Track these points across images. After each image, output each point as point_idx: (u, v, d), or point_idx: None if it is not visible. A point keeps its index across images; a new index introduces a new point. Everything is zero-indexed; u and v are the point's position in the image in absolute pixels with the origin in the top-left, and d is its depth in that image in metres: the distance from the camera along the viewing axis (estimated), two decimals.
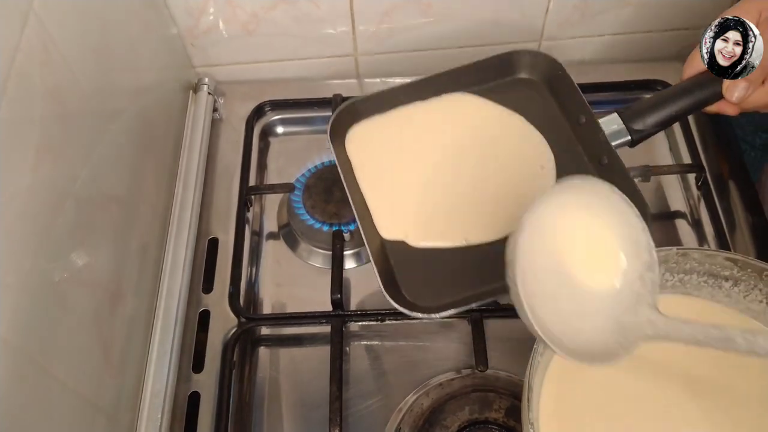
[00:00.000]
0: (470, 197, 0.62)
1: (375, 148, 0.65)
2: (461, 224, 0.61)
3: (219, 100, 0.81)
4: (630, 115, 0.58)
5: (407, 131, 0.66)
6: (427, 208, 0.62)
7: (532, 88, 0.66)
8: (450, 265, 0.61)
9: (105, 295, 0.57)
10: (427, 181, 0.63)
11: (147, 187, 0.67)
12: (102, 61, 0.60)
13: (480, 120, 0.66)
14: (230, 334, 0.66)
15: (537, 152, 0.63)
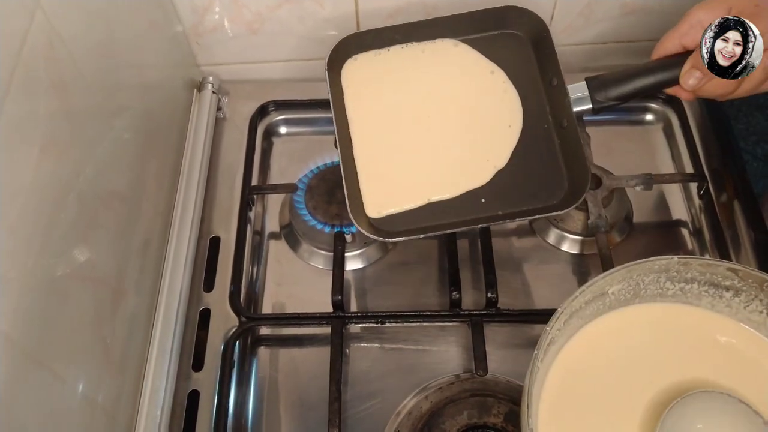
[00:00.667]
0: (437, 153, 0.65)
1: (365, 83, 0.68)
2: (424, 183, 0.63)
3: (223, 98, 0.81)
4: (596, 85, 0.60)
5: (396, 71, 0.68)
6: (394, 171, 0.64)
7: (518, 44, 0.68)
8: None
9: (106, 292, 0.57)
10: (401, 135, 0.65)
11: (149, 185, 0.67)
12: (107, 57, 0.60)
13: (465, 71, 0.68)
14: (230, 333, 0.66)
15: (509, 111, 0.65)
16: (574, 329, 0.54)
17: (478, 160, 0.64)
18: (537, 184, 0.62)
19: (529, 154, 0.63)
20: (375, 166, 0.64)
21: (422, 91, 0.67)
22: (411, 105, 0.67)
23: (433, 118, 0.66)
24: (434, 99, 0.67)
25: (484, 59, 0.69)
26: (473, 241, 0.72)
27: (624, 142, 0.79)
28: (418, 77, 0.68)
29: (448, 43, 0.69)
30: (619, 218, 0.71)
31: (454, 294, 0.64)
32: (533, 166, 0.63)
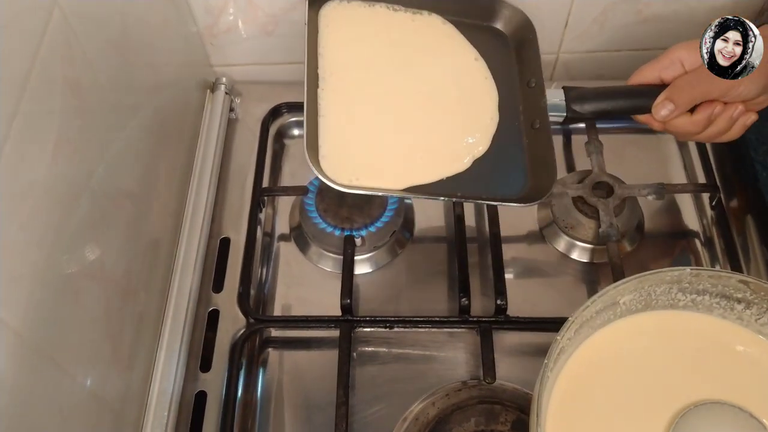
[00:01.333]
0: (410, 137, 0.62)
1: (345, 31, 0.65)
2: (396, 168, 0.60)
3: (236, 100, 0.82)
4: (573, 95, 0.61)
5: (379, 29, 0.65)
6: (367, 147, 0.61)
7: (501, 40, 0.67)
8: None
9: (116, 291, 0.57)
10: (373, 99, 0.62)
11: (160, 185, 0.67)
12: (121, 56, 0.60)
13: (449, 51, 0.66)
14: (239, 334, 0.66)
15: (489, 101, 0.63)
16: (583, 338, 0.54)
17: (456, 146, 0.61)
18: (500, 178, 0.61)
19: (498, 149, 0.61)
20: (340, 127, 0.60)
21: (402, 58, 0.64)
22: (389, 69, 0.63)
23: (410, 90, 0.63)
24: (413, 69, 0.64)
25: (469, 45, 0.67)
26: (483, 247, 0.72)
27: (636, 151, 0.78)
28: (400, 42, 0.65)
29: (436, 18, 0.67)
30: (630, 227, 0.71)
31: (463, 300, 0.64)
32: (499, 160, 0.61)
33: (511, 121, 0.64)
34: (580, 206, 0.71)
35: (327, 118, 0.60)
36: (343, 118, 0.60)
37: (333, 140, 0.59)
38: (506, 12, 0.67)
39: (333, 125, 0.60)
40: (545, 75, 0.86)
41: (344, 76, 0.62)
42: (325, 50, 0.63)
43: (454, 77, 0.65)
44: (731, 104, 0.57)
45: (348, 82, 0.62)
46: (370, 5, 0.66)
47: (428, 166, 0.60)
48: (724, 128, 0.58)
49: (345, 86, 0.62)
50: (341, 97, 0.61)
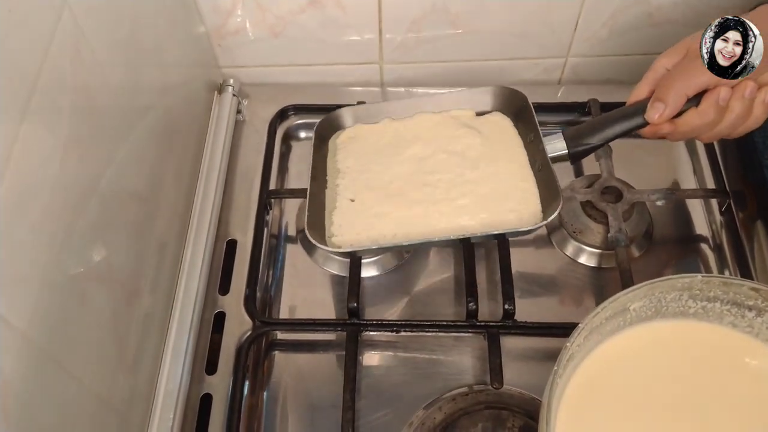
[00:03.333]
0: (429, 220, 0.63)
1: (358, 148, 0.68)
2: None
3: (243, 101, 0.81)
4: (571, 135, 0.62)
5: (388, 143, 0.68)
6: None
7: (500, 118, 0.70)
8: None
9: (123, 293, 0.57)
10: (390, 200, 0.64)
11: (168, 186, 0.67)
12: (130, 57, 0.60)
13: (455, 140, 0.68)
14: (245, 337, 0.65)
15: (516, 170, 0.65)
16: (593, 345, 0.54)
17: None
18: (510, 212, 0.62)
19: (507, 189, 0.63)
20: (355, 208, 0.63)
21: (419, 147, 0.67)
22: (405, 156, 0.66)
23: (431, 167, 0.65)
24: (431, 151, 0.67)
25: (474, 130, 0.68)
26: (490, 251, 0.71)
27: (645, 156, 0.78)
28: (414, 138, 0.68)
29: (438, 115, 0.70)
30: (639, 232, 0.70)
31: (470, 305, 0.64)
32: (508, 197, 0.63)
33: (519, 170, 0.65)
34: (589, 211, 0.70)
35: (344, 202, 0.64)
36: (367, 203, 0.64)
37: (346, 218, 0.62)
38: (502, 93, 0.70)
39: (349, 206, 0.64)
40: (554, 78, 0.86)
41: (359, 169, 0.66)
42: (335, 162, 0.68)
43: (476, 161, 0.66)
44: (741, 83, 0.55)
45: (364, 172, 0.66)
46: (372, 124, 0.70)
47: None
48: (742, 111, 0.56)
49: (361, 174, 0.66)
50: (359, 182, 0.65)
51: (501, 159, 0.65)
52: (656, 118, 0.57)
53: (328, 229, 0.62)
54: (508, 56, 0.83)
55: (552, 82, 0.86)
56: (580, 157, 0.63)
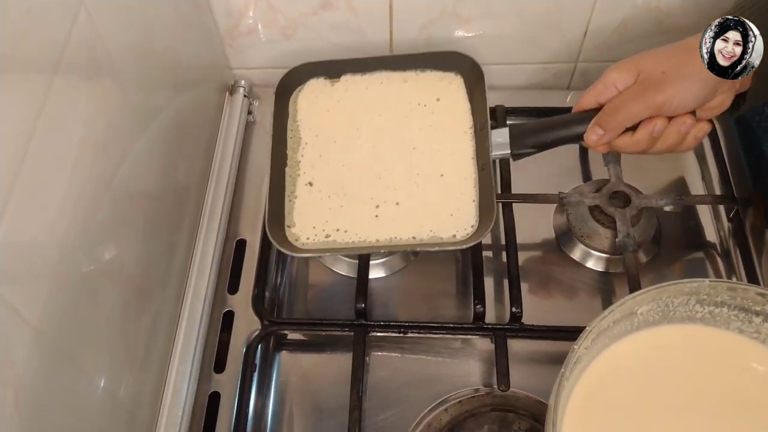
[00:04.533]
0: (377, 198, 0.66)
1: (314, 112, 0.71)
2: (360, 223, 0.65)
3: (254, 102, 0.82)
4: (515, 132, 0.63)
5: (346, 106, 0.71)
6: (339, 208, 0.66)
7: (457, 86, 0.71)
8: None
9: (133, 291, 0.58)
10: (349, 167, 0.68)
11: (179, 186, 0.68)
12: (143, 59, 0.61)
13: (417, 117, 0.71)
14: (253, 336, 0.66)
15: (460, 164, 0.67)
16: (600, 348, 0.54)
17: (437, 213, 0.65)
18: (452, 221, 0.64)
19: (449, 191, 0.66)
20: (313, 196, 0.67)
21: (374, 123, 0.70)
22: (361, 137, 0.69)
23: (385, 153, 0.68)
24: (387, 133, 0.69)
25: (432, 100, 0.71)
26: (498, 253, 0.72)
27: (654, 161, 0.77)
28: (369, 108, 0.71)
29: (397, 75, 0.72)
30: (646, 237, 0.71)
31: (478, 307, 0.64)
32: (450, 201, 0.65)
33: (463, 166, 0.67)
34: (597, 215, 0.70)
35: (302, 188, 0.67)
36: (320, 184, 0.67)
37: (304, 207, 0.66)
38: (458, 59, 0.71)
39: (307, 193, 0.67)
40: (563, 84, 0.86)
41: (318, 146, 0.69)
42: (297, 130, 0.71)
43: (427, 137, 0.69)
44: (678, 118, 0.56)
45: (323, 152, 0.69)
46: (333, 81, 0.73)
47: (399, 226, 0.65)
48: (673, 143, 0.58)
49: (320, 155, 0.69)
50: (317, 164, 0.68)
51: (449, 153, 0.67)
52: (593, 141, 0.59)
53: (287, 215, 0.65)
54: (518, 60, 0.83)
55: (561, 87, 0.86)
56: (522, 157, 0.64)
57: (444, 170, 0.66)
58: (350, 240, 0.64)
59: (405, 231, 0.64)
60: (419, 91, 0.71)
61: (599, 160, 0.74)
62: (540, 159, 0.78)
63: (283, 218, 0.65)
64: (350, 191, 0.66)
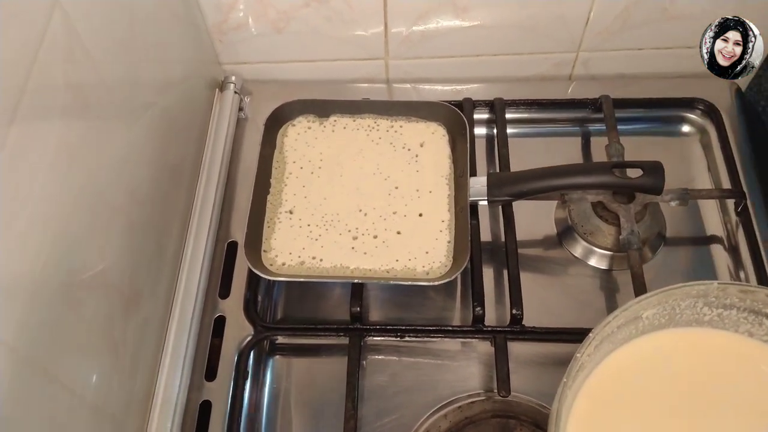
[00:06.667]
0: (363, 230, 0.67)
1: (304, 147, 0.72)
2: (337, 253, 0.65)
3: (245, 99, 0.80)
4: (493, 181, 0.65)
5: (332, 145, 0.72)
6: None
7: (442, 134, 0.72)
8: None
9: (119, 299, 0.56)
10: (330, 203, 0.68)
11: (167, 187, 0.66)
12: (127, 56, 0.59)
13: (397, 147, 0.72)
14: (245, 342, 0.64)
15: (437, 206, 0.68)
16: (604, 354, 0.52)
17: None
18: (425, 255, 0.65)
19: (426, 230, 0.66)
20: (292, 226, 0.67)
21: (360, 163, 0.70)
22: (345, 173, 0.69)
23: (367, 190, 0.68)
24: (369, 171, 0.70)
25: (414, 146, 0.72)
26: (496, 251, 0.69)
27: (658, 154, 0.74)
28: (356, 149, 0.71)
29: (384, 121, 0.73)
30: (651, 234, 0.68)
31: (477, 309, 0.62)
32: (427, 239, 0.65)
33: (441, 207, 0.68)
34: (600, 212, 0.68)
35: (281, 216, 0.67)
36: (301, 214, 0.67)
37: (283, 234, 0.66)
38: (444, 111, 0.72)
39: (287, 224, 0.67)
40: (564, 74, 0.83)
41: (302, 178, 0.69)
42: (282, 161, 0.71)
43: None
44: None
45: (306, 183, 0.69)
46: (323, 120, 0.73)
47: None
48: None
49: (303, 185, 0.69)
50: (299, 194, 0.68)
51: (428, 194, 0.68)
52: None
53: (264, 241, 0.65)
54: (518, 51, 0.80)
55: (562, 78, 0.84)
56: (497, 204, 0.67)
57: (423, 210, 0.67)
58: (325, 269, 0.64)
59: (380, 263, 0.64)
60: (405, 137, 0.72)
61: (602, 152, 0.72)
62: (540, 152, 0.76)
63: (260, 243, 0.65)
64: (329, 222, 0.66)
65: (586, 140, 0.78)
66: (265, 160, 0.69)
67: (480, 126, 0.77)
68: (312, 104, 0.73)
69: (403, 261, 0.64)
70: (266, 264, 0.64)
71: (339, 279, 0.64)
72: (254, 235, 0.65)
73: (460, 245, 0.64)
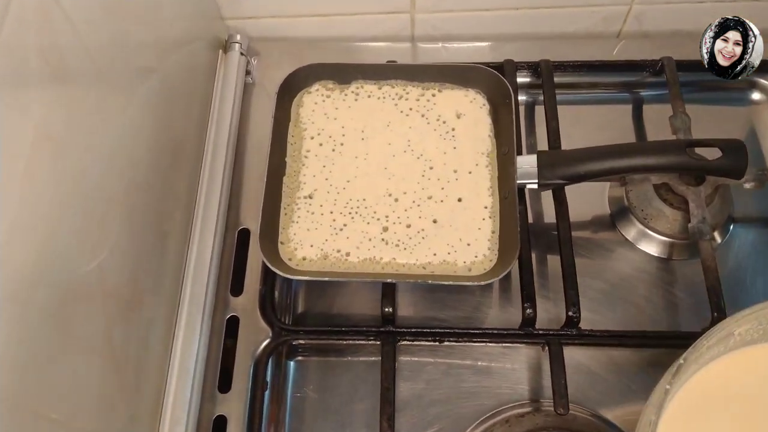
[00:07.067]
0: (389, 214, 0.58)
1: (323, 120, 0.62)
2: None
3: (252, 61, 0.70)
4: (546, 160, 0.57)
5: (357, 115, 0.62)
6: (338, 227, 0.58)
7: (479, 104, 0.62)
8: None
9: (117, 306, 0.48)
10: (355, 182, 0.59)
11: (167, 171, 0.57)
12: (116, 19, 0.49)
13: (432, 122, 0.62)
14: (262, 346, 0.56)
15: (479, 189, 0.59)
16: (689, 375, 0.45)
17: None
18: (467, 249, 0.56)
19: (467, 218, 0.58)
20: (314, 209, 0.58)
21: (384, 137, 0.61)
22: (371, 150, 0.60)
23: (397, 171, 0.60)
24: (397, 147, 0.61)
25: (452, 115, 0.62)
26: (541, 235, 0.62)
27: (725, 124, 0.67)
28: (380, 120, 0.62)
29: (415, 89, 0.63)
30: (721, 219, 0.60)
31: (528, 312, 0.54)
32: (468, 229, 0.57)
33: (481, 193, 0.59)
34: (664, 194, 0.60)
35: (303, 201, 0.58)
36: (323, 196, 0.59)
37: (302, 223, 0.57)
38: (484, 76, 0.62)
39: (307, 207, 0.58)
40: (614, 30, 0.73)
41: (322, 157, 0.60)
42: (299, 136, 0.61)
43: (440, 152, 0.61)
44: None
45: (326, 163, 0.60)
46: (343, 87, 0.63)
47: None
48: None
49: (323, 166, 0.60)
50: (319, 176, 0.59)
51: (469, 176, 0.59)
52: None
53: (281, 231, 0.57)
54: (562, 3, 0.70)
55: (610, 35, 0.74)
56: (549, 188, 0.58)
57: (462, 194, 0.58)
58: (352, 264, 0.55)
59: (415, 257, 0.56)
60: (439, 107, 0.62)
61: (662, 124, 0.63)
62: (588, 122, 0.68)
63: (276, 234, 0.56)
64: (355, 209, 0.58)
65: (638, 108, 0.69)
66: (279, 136, 0.60)
67: (521, 92, 0.68)
68: (330, 69, 0.63)
69: (441, 254, 0.56)
70: (284, 258, 0.56)
71: (369, 278, 0.56)
72: (269, 224, 0.56)
73: (507, 236, 0.56)
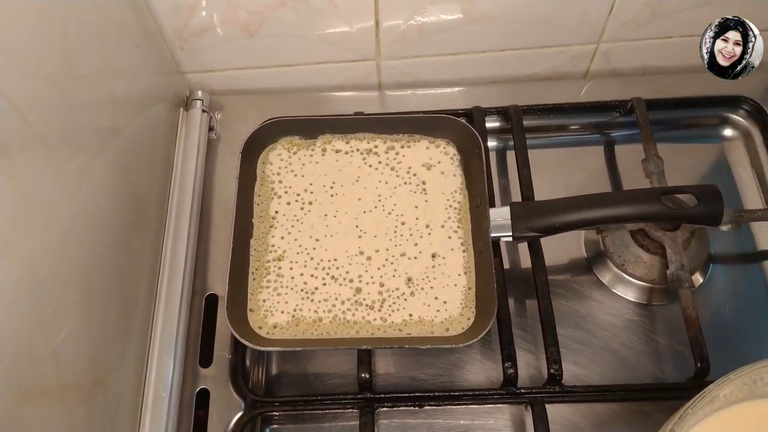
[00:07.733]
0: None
1: (290, 177, 0.61)
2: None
3: (215, 115, 0.68)
4: (520, 212, 0.55)
5: (325, 167, 0.61)
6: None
7: (452, 154, 0.61)
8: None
9: (77, 398, 0.45)
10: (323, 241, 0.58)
11: (130, 237, 0.55)
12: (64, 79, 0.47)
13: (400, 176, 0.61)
14: (235, 419, 0.54)
15: (452, 244, 0.57)
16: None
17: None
18: (442, 310, 0.55)
19: (441, 275, 0.56)
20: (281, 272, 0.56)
21: (351, 194, 0.60)
22: (340, 206, 0.59)
23: (368, 227, 0.58)
24: (364, 206, 0.59)
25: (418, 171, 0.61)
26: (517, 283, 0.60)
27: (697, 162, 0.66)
28: (347, 177, 0.60)
29: (381, 142, 0.62)
30: (700, 261, 0.59)
31: (509, 371, 0.53)
32: (443, 287, 0.56)
33: (454, 247, 0.57)
34: (641, 240, 0.59)
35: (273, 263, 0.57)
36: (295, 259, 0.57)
37: (272, 288, 0.56)
38: (451, 126, 0.61)
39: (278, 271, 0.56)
40: (580, 70, 0.73)
41: (290, 216, 0.59)
42: (265, 195, 0.60)
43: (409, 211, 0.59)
44: None
45: (295, 223, 0.58)
46: (309, 142, 0.62)
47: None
48: None
49: (292, 226, 0.58)
50: (288, 237, 0.58)
51: (440, 230, 0.58)
52: None
53: (251, 297, 0.55)
54: (529, 45, 0.70)
55: (576, 76, 0.73)
56: (523, 240, 0.57)
57: (436, 250, 0.57)
58: (325, 329, 0.54)
59: (391, 319, 0.54)
60: (408, 159, 0.61)
61: (635, 169, 0.62)
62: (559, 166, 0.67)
63: (245, 301, 0.55)
64: (326, 270, 0.56)
65: (610, 149, 0.68)
66: (245, 196, 0.58)
67: (492, 137, 0.67)
68: (296, 124, 0.62)
69: (417, 314, 0.54)
70: (254, 326, 0.54)
71: (343, 345, 0.54)
72: (238, 290, 0.54)
73: (484, 292, 0.54)
